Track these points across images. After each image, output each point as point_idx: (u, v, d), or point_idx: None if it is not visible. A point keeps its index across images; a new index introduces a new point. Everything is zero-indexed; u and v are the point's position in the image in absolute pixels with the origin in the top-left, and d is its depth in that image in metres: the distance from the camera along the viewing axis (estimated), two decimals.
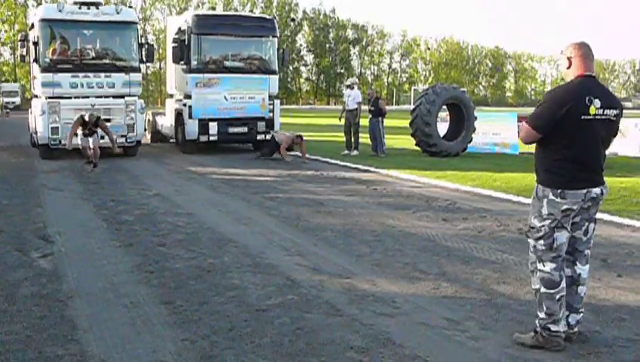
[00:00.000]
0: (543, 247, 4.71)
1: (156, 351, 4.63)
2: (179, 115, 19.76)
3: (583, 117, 4.51)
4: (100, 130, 15.50)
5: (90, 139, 15.32)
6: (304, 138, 18.05)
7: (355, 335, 4.92)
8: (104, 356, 4.54)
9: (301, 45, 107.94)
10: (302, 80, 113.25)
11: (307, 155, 17.60)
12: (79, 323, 5.19)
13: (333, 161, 17.30)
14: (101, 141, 15.94)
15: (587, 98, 4.51)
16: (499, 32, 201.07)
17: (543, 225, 4.69)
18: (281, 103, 20.76)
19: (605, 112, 4.57)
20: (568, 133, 4.55)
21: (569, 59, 4.69)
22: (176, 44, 19.06)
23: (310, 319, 5.29)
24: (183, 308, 5.51)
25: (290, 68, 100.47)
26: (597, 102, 4.52)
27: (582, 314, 4.90)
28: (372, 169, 15.49)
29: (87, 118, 15.15)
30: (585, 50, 4.67)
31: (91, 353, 4.59)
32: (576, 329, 4.85)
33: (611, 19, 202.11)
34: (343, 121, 19.60)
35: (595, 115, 4.53)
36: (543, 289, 4.72)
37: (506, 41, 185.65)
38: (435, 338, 4.92)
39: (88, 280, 6.39)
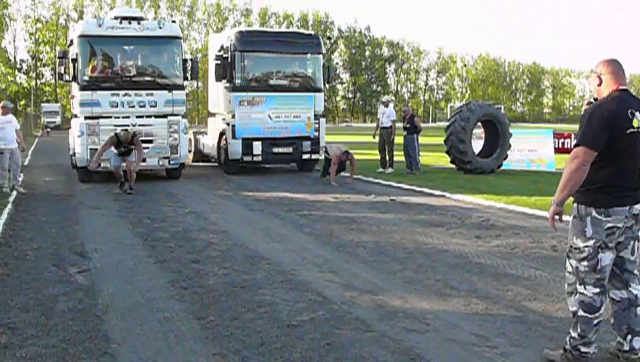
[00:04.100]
0: (586, 269, 4.54)
1: None
2: (221, 134, 19.20)
3: (628, 131, 4.41)
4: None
5: (125, 160, 14.78)
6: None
7: (385, 351, 4.95)
8: None
9: (337, 63, 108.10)
10: (338, 98, 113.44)
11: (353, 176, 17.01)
12: (113, 337, 5.30)
13: (370, 180, 17.30)
14: (142, 164, 15.47)
15: (629, 111, 4.43)
16: (536, 48, 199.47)
17: (587, 246, 4.53)
18: None
19: None
20: (614, 148, 4.41)
21: (599, 76, 4.63)
22: (219, 62, 18.47)
23: (340, 335, 5.32)
24: (215, 324, 5.59)
25: (327, 86, 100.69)
26: (638, 115, 4.44)
27: None
28: (406, 186, 15.47)
29: (121, 138, 14.59)
30: (615, 66, 4.62)
31: None
32: None
33: None
34: (377, 139, 19.53)
35: (637, 127, 4.43)
36: (581, 313, 4.58)
37: (544, 57, 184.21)
38: (464, 355, 4.91)
39: (123, 295, 6.52)
